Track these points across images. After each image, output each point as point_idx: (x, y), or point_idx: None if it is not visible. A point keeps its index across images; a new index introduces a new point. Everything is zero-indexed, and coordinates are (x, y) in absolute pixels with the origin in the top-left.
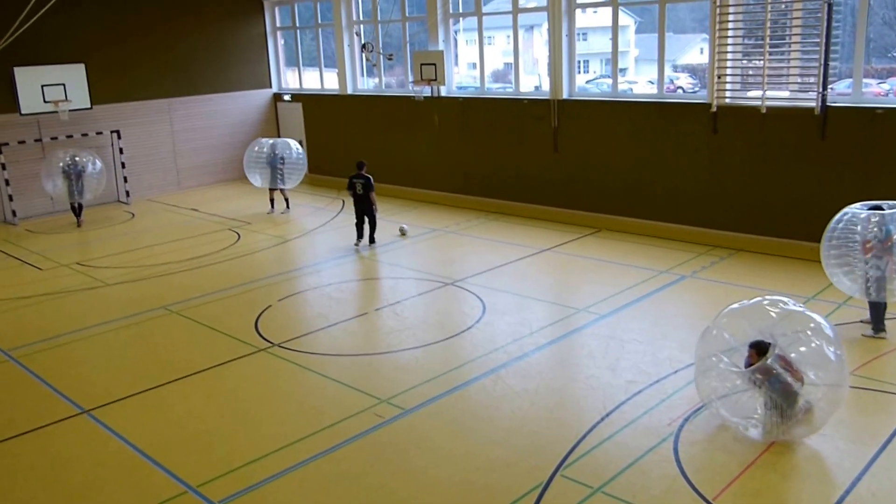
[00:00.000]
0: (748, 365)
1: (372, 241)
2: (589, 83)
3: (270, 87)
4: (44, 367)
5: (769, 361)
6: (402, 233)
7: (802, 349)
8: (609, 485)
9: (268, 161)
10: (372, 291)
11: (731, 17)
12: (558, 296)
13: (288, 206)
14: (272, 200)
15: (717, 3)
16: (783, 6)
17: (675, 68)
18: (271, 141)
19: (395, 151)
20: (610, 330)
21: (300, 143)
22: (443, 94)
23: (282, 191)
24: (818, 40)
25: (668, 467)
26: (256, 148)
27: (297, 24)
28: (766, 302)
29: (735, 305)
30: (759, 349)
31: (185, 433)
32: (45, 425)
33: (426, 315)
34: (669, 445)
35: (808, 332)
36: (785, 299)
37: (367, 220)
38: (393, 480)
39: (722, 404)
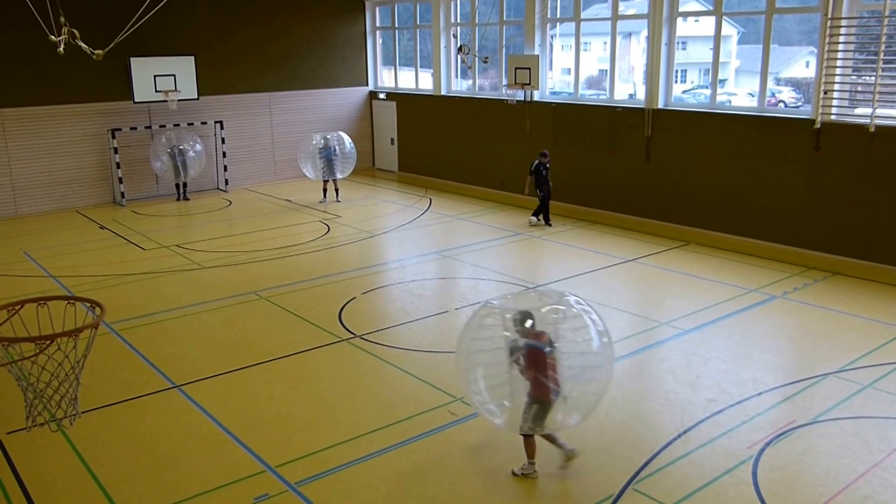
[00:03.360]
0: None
1: (546, 221)
2: (686, 93)
3: (367, 84)
4: (142, 341)
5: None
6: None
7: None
8: (682, 503)
9: (322, 153)
10: (453, 290)
11: (842, 31)
12: (641, 308)
13: (338, 197)
14: (325, 191)
15: (829, 16)
16: None
17: (778, 81)
18: (326, 135)
19: (484, 153)
20: (692, 346)
21: (391, 140)
22: (535, 98)
23: (334, 181)
24: None
25: (746, 491)
26: (314, 142)
27: (396, 25)
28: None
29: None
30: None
31: (266, 414)
32: (140, 396)
33: None
34: (748, 469)
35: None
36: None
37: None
38: (463, 479)
39: (483, 373)
